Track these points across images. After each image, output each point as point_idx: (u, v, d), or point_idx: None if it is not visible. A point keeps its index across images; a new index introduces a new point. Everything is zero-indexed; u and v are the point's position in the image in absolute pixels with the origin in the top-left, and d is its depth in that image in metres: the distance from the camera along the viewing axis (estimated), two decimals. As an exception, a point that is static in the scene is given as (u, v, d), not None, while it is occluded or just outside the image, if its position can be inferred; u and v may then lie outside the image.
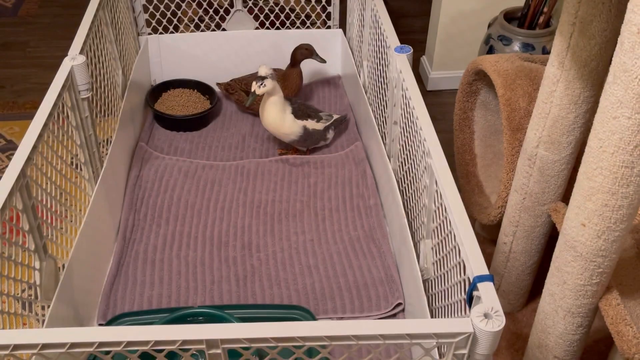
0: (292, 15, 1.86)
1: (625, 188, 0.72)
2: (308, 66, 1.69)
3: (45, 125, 0.95)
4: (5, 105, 1.84)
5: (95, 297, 1.08)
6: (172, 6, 1.65)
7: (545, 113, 0.95)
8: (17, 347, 0.61)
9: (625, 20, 0.64)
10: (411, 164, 1.05)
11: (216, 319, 0.91)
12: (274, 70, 1.43)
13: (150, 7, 1.61)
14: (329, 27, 1.70)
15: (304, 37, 1.65)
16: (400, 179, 1.16)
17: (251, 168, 1.39)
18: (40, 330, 0.62)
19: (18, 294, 0.84)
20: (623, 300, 0.86)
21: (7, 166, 1.16)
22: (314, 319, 1.00)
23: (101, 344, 0.61)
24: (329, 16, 1.70)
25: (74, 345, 0.61)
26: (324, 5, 1.69)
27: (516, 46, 1.57)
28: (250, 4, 1.66)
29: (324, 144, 1.46)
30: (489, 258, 1.28)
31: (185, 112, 1.55)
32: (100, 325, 1.04)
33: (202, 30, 1.66)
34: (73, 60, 1.08)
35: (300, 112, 1.39)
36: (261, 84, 1.31)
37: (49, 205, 0.96)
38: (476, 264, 0.70)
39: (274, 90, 1.34)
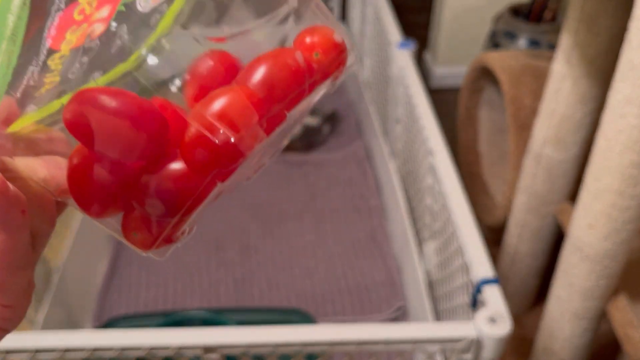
0: (293, 12, 1.84)
1: (633, 188, 0.71)
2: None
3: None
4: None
5: (90, 299, 1.07)
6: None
7: (551, 111, 0.93)
8: (10, 351, 0.60)
9: (633, 16, 0.63)
10: (413, 163, 1.03)
11: (213, 323, 0.90)
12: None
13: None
14: (330, 24, 1.68)
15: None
16: (403, 179, 1.14)
17: (251, 168, 1.38)
18: (35, 335, 0.61)
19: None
20: (630, 303, 0.84)
21: None
22: (313, 322, 0.99)
23: (96, 349, 0.60)
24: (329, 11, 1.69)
25: (68, 350, 0.60)
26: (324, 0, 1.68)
27: (522, 42, 1.55)
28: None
29: (321, 139, 1.44)
30: (493, 260, 1.27)
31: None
32: (96, 328, 1.03)
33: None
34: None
35: None
36: None
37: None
38: (481, 267, 0.69)
39: None
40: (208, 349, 0.60)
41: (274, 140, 0.24)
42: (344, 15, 1.68)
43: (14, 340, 0.60)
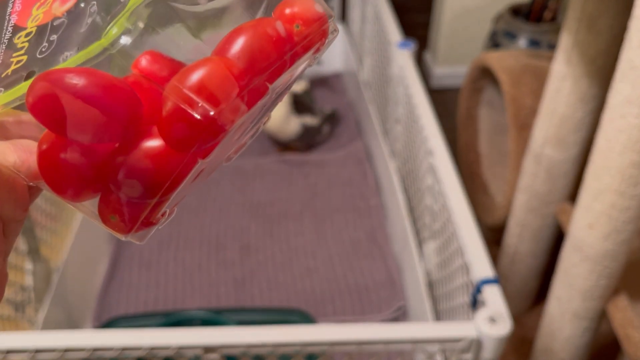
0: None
1: (633, 188, 0.71)
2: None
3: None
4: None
5: (90, 299, 1.07)
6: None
7: (551, 111, 0.93)
8: (10, 351, 0.60)
9: (633, 15, 0.63)
10: (413, 163, 1.03)
11: (213, 323, 0.90)
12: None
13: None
14: (330, 24, 1.68)
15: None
16: (402, 178, 1.14)
17: (249, 168, 1.38)
18: (35, 334, 0.61)
19: (10, 296, 0.83)
20: (631, 303, 0.84)
21: None
22: (313, 322, 0.99)
23: (96, 349, 0.60)
24: (330, 12, 1.68)
25: (68, 350, 0.60)
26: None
27: (522, 41, 1.55)
28: None
29: (320, 139, 1.44)
30: (493, 260, 1.27)
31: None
32: (96, 328, 1.03)
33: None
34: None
35: (299, 105, 1.37)
36: None
37: (42, 207, 0.95)
38: (481, 266, 0.68)
39: None
40: (208, 349, 0.60)
41: (256, 115, 0.23)
42: (344, 15, 1.68)
43: (14, 340, 0.60)
